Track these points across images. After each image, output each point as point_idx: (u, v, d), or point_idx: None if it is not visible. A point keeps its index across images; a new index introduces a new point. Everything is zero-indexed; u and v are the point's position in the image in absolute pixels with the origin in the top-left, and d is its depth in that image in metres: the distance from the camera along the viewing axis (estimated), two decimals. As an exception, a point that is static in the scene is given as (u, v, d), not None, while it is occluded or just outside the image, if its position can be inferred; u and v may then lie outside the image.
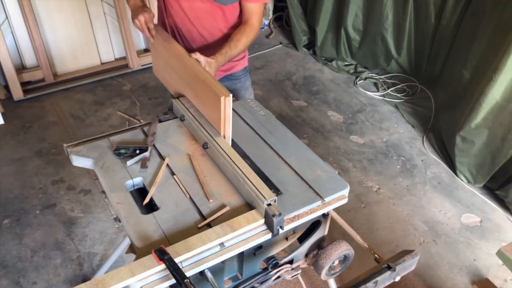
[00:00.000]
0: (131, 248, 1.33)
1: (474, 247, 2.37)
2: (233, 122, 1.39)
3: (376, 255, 1.27)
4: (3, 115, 3.08)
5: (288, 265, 1.40)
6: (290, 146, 1.49)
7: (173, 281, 1.03)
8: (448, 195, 2.68)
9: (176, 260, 1.04)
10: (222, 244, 1.12)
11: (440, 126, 3.10)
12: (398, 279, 1.20)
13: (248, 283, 1.35)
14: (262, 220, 1.18)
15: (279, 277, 1.40)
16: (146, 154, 1.39)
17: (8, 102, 3.27)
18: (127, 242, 1.81)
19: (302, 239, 1.43)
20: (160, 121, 1.56)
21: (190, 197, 1.27)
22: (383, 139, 3.11)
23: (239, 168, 1.28)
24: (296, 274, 1.41)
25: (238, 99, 1.98)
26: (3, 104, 3.20)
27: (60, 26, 3.34)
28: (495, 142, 2.54)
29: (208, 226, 1.18)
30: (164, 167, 1.36)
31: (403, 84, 3.61)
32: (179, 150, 1.44)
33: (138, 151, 1.39)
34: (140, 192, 1.33)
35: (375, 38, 3.60)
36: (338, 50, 3.89)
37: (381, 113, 3.37)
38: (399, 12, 3.38)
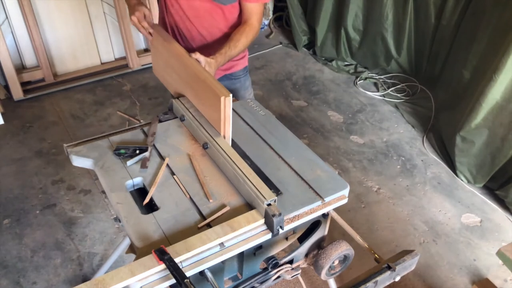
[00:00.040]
0: (131, 248, 1.33)
1: (474, 247, 2.37)
2: (233, 122, 1.39)
3: (376, 255, 1.27)
4: (3, 115, 3.08)
5: (288, 265, 1.40)
6: (290, 146, 1.49)
7: (173, 281, 1.03)
8: (448, 195, 2.68)
9: (176, 260, 1.04)
10: (222, 244, 1.12)
11: (440, 126, 3.10)
12: (398, 279, 1.20)
13: (248, 283, 1.35)
14: (262, 220, 1.18)
15: (279, 277, 1.40)
16: (146, 154, 1.39)
17: (8, 102, 3.27)
18: (127, 242, 1.81)
19: (302, 239, 1.43)
20: (160, 121, 1.56)
21: (190, 197, 1.27)
22: (383, 139, 3.11)
23: (239, 168, 1.28)
24: (296, 274, 1.41)
25: (237, 98, 1.98)
26: (3, 104, 3.20)
27: (60, 26, 3.35)
28: (495, 142, 2.54)
29: (208, 226, 1.18)
30: (164, 167, 1.36)
31: (403, 84, 3.61)
32: (179, 150, 1.44)
33: (138, 151, 1.39)
34: (140, 192, 1.33)
35: (375, 38, 3.60)
36: (338, 50, 3.89)
37: (381, 113, 3.37)
38: (399, 12, 3.38)
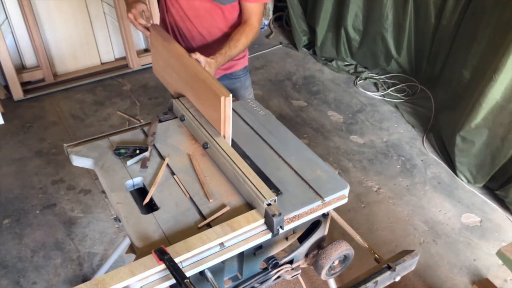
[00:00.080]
0: (131, 248, 1.33)
1: (474, 247, 2.37)
2: (233, 122, 1.39)
3: (376, 255, 1.27)
4: (3, 115, 3.07)
5: (288, 265, 1.40)
6: (290, 146, 1.49)
7: (173, 281, 1.03)
8: (448, 195, 2.68)
9: (176, 260, 1.04)
10: (222, 244, 1.12)
11: (440, 126, 3.10)
12: (398, 279, 1.20)
13: (248, 283, 1.35)
14: (262, 220, 1.18)
15: (279, 277, 1.40)
16: (146, 154, 1.39)
17: (8, 102, 3.27)
18: (127, 242, 1.81)
19: (302, 239, 1.43)
20: (160, 121, 1.56)
21: (190, 197, 1.27)
22: (383, 139, 3.11)
23: (239, 168, 1.28)
24: (296, 274, 1.41)
25: (237, 98, 1.97)
26: (3, 104, 3.20)
27: (60, 26, 3.35)
28: (495, 142, 2.54)
29: (208, 226, 1.18)
30: (164, 167, 1.36)
31: (403, 84, 3.61)
32: (179, 150, 1.44)
33: (138, 151, 1.39)
34: (140, 192, 1.32)
35: (375, 38, 3.60)
36: (338, 50, 3.89)
37: (381, 113, 3.37)
38: (399, 12, 3.38)
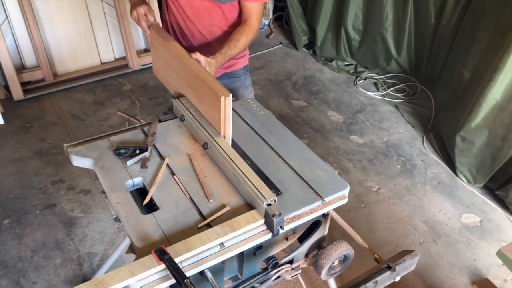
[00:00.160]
0: (131, 248, 1.33)
1: (474, 247, 2.37)
2: (233, 122, 1.39)
3: (376, 255, 1.27)
4: (3, 115, 3.08)
5: (288, 265, 1.40)
6: (290, 146, 1.49)
7: (173, 281, 1.03)
8: (448, 195, 2.68)
9: (176, 260, 1.04)
10: (222, 244, 1.12)
11: (440, 126, 3.10)
12: (398, 279, 1.20)
13: (248, 283, 1.35)
14: (262, 220, 1.18)
15: (279, 277, 1.40)
16: (146, 154, 1.39)
17: (8, 102, 3.27)
18: (127, 242, 1.81)
19: (302, 239, 1.43)
20: (160, 121, 1.56)
21: (190, 197, 1.27)
22: (383, 139, 3.11)
23: (239, 168, 1.28)
24: (296, 274, 1.41)
25: (237, 97, 1.98)
26: (3, 104, 3.20)
27: (60, 26, 3.35)
28: (495, 142, 2.54)
29: (208, 226, 1.18)
30: (164, 167, 1.36)
31: (403, 84, 3.61)
32: (179, 150, 1.44)
33: (138, 151, 1.39)
34: (140, 192, 1.32)
35: (375, 38, 3.60)
36: (338, 50, 3.89)
37: (381, 113, 3.37)
38: (399, 12, 3.38)
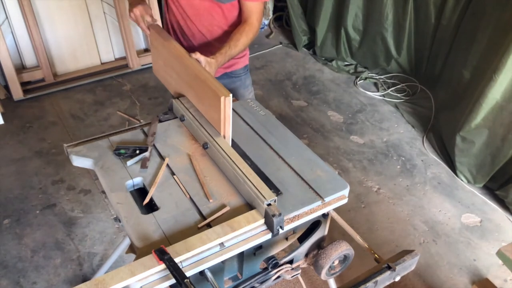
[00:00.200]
0: (131, 248, 1.33)
1: (474, 247, 2.37)
2: (233, 122, 1.39)
3: (376, 255, 1.27)
4: (3, 115, 3.08)
5: (288, 265, 1.40)
6: (290, 146, 1.49)
7: (173, 281, 1.03)
8: (448, 195, 2.68)
9: (176, 260, 1.04)
10: (222, 244, 1.12)
11: (440, 126, 3.10)
12: (398, 279, 1.20)
13: (248, 283, 1.35)
14: (262, 220, 1.18)
15: (279, 277, 1.40)
16: (146, 154, 1.39)
17: (8, 102, 3.27)
18: (127, 242, 1.81)
19: (302, 239, 1.43)
20: (160, 121, 1.56)
21: (190, 197, 1.27)
22: (383, 139, 3.11)
23: (239, 168, 1.28)
24: (296, 274, 1.41)
25: (237, 97, 1.98)
26: (3, 104, 3.20)
27: (60, 26, 3.35)
28: (495, 142, 2.54)
29: (208, 226, 1.18)
30: (164, 167, 1.36)
31: (403, 84, 3.61)
32: (179, 150, 1.44)
33: (138, 151, 1.39)
34: (140, 192, 1.32)
35: (375, 38, 3.60)
36: (338, 50, 3.89)
37: (381, 113, 3.36)
38: (399, 12, 3.38)
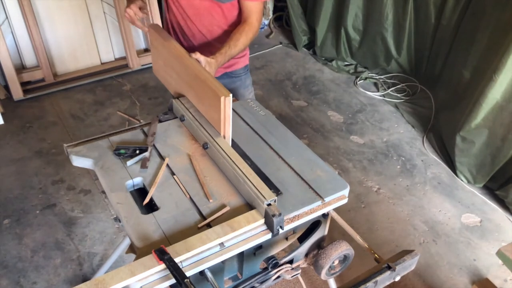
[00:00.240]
0: (131, 248, 1.33)
1: (474, 247, 2.37)
2: (233, 122, 1.39)
3: (376, 255, 1.27)
4: (3, 115, 3.08)
5: (288, 265, 1.40)
6: (290, 146, 1.49)
7: (173, 281, 1.03)
8: (448, 195, 2.68)
9: (176, 260, 1.04)
10: (222, 244, 1.12)
11: (440, 126, 3.09)
12: (398, 279, 1.20)
13: (248, 283, 1.35)
14: (262, 220, 1.18)
15: (279, 277, 1.40)
16: (146, 154, 1.39)
17: (8, 102, 3.27)
18: (127, 242, 1.81)
19: (302, 239, 1.43)
20: (160, 121, 1.56)
21: (190, 197, 1.27)
22: (383, 139, 3.11)
23: (239, 168, 1.28)
24: (296, 274, 1.41)
25: (237, 97, 1.98)
26: (3, 104, 3.20)
27: (60, 26, 3.35)
28: (495, 142, 2.54)
29: (208, 226, 1.18)
30: (164, 167, 1.36)
31: (403, 84, 3.61)
32: (179, 150, 1.44)
33: (138, 151, 1.39)
34: (140, 192, 1.32)
35: (375, 38, 3.60)
36: (338, 50, 3.89)
37: (381, 113, 3.36)
38: (399, 12, 3.38)
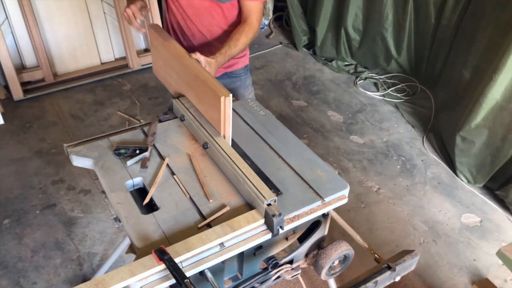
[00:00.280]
0: (131, 248, 1.33)
1: (474, 247, 2.37)
2: (233, 122, 1.39)
3: (376, 255, 1.27)
4: (3, 115, 3.08)
5: (288, 265, 1.40)
6: (290, 146, 1.49)
7: (173, 281, 1.03)
8: (448, 195, 2.68)
9: (176, 260, 1.04)
10: (222, 244, 1.12)
11: (440, 126, 3.10)
12: (398, 279, 1.20)
13: (248, 283, 1.35)
14: (262, 220, 1.18)
15: (279, 277, 1.40)
16: (146, 154, 1.39)
17: (8, 102, 3.27)
18: (127, 242, 1.81)
19: (302, 239, 1.43)
20: (160, 121, 1.56)
21: (190, 197, 1.27)
22: (383, 139, 3.11)
23: (239, 168, 1.28)
24: (296, 274, 1.41)
25: (237, 97, 1.98)
26: (3, 104, 3.20)
27: (60, 26, 3.35)
28: (495, 142, 2.54)
29: (208, 226, 1.18)
30: (164, 167, 1.36)
31: (403, 84, 3.61)
32: (179, 150, 1.44)
33: (138, 151, 1.39)
34: (140, 192, 1.32)
35: (375, 38, 3.60)
36: (338, 50, 3.89)
37: (381, 113, 3.36)
38: (399, 12, 3.38)
